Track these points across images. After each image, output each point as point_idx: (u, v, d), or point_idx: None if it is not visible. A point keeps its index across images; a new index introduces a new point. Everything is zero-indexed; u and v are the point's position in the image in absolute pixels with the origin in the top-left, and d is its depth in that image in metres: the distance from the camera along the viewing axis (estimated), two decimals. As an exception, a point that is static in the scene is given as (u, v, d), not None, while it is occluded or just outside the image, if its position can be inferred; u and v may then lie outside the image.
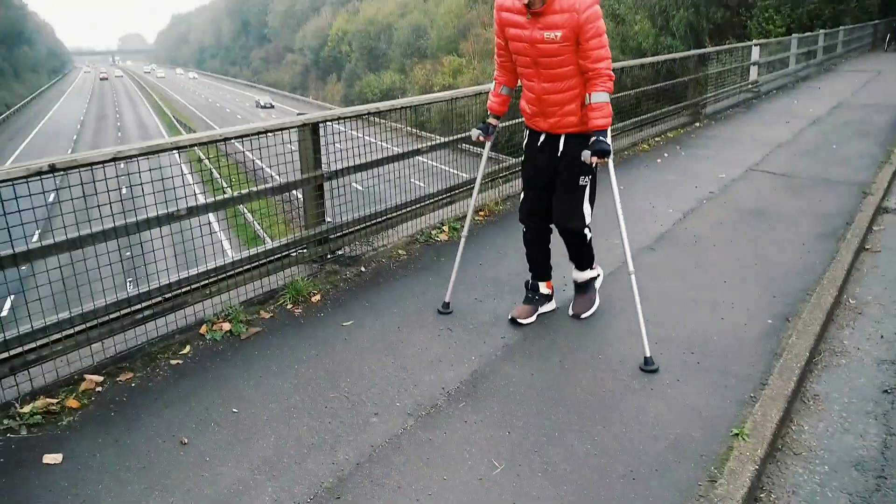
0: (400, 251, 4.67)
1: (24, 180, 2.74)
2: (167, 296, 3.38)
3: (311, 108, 67.14)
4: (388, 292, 4.04)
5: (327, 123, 4.10)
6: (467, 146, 5.41)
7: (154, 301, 3.32)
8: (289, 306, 3.84)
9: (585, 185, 3.36)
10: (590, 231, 3.50)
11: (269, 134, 3.77)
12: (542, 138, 3.42)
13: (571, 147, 3.30)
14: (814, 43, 17.55)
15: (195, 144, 3.37)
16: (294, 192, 4.27)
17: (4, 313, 13.43)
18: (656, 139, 8.53)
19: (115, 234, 3.11)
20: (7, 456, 2.60)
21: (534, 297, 3.66)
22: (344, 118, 4.22)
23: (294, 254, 4.15)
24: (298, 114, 4.35)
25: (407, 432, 2.72)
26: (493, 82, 3.58)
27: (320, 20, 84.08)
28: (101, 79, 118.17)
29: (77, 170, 2.89)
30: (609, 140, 3.14)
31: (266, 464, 2.54)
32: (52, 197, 2.91)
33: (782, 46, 15.50)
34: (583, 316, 3.64)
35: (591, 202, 3.44)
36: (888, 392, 3.12)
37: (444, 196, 5.18)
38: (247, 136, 3.67)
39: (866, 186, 6.16)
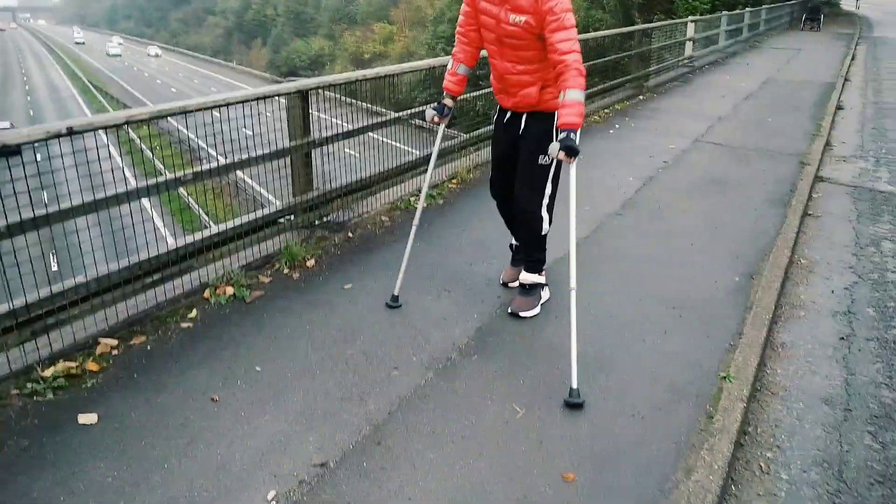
0: (383, 217, 4.80)
1: (44, 142, 2.73)
2: (173, 260, 3.41)
3: (236, 75, 65.02)
4: (380, 257, 4.18)
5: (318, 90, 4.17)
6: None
7: (162, 265, 3.35)
8: (286, 271, 3.92)
9: (546, 167, 3.28)
10: (548, 224, 3.39)
11: (264, 100, 3.81)
12: (507, 116, 3.42)
13: (532, 125, 3.29)
14: (740, 20, 18.40)
15: (200, 109, 3.39)
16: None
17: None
18: (605, 111, 8.87)
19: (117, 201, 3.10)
20: (40, 418, 2.63)
21: (519, 259, 3.83)
22: (335, 84, 4.28)
23: (284, 220, 4.22)
24: (288, 80, 4.36)
25: (429, 384, 2.90)
26: (451, 60, 3.45)
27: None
28: None
29: (94, 132, 2.89)
30: (578, 139, 2.91)
31: (301, 416, 2.68)
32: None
33: (713, 23, 16.18)
34: (522, 314, 3.46)
35: (553, 189, 3.35)
36: (844, 339, 3.53)
37: (422, 164, 5.32)
38: (243, 101, 3.70)
39: (803, 157, 6.68)
